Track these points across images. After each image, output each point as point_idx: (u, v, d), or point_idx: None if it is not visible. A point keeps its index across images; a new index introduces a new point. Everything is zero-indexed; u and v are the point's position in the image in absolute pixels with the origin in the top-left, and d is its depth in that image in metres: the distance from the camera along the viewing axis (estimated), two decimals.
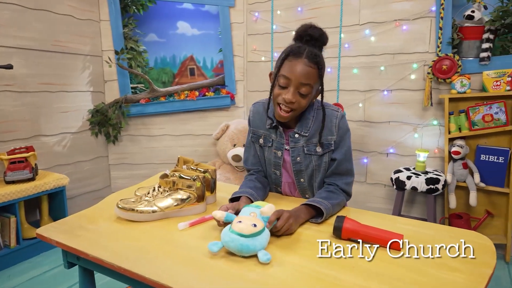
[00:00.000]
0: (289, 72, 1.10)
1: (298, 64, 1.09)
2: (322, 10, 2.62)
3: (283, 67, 1.12)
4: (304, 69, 1.09)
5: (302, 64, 1.09)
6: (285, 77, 1.10)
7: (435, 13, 2.25)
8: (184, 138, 3.03)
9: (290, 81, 1.10)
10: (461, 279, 0.78)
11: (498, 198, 2.18)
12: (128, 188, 1.39)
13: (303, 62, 1.09)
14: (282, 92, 1.12)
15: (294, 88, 1.10)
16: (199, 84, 3.01)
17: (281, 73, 1.12)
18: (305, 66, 1.09)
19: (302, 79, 1.09)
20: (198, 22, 3.12)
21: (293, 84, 1.10)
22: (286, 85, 1.11)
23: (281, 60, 1.13)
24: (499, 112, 2.07)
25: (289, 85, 1.11)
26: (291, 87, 1.10)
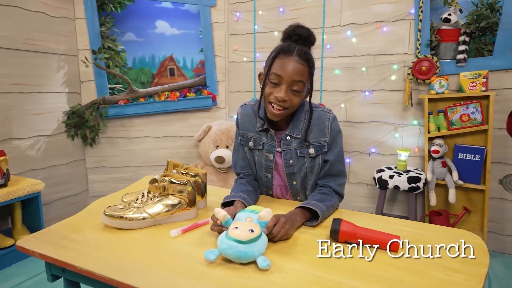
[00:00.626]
0: (281, 70, 1.08)
1: (289, 62, 1.08)
2: (304, 11, 2.63)
3: (274, 65, 1.10)
4: (295, 66, 1.08)
5: (293, 61, 1.08)
6: (276, 75, 1.09)
7: (414, 16, 2.31)
8: (165, 140, 2.97)
9: (282, 79, 1.09)
10: (461, 280, 0.79)
11: (475, 195, 2.26)
12: (112, 194, 1.34)
13: (294, 59, 1.08)
14: (274, 90, 1.11)
15: (286, 86, 1.09)
16: (180, 84, 2.95)
17: (273, 71, 1.10)
18: (297, 63, 1.08)
19: (294, 76, 1.08)
20: (177, 21, 3.06)
21: (285, 82, 1.09)
22: (278, 82, 1.10)
23: (272, 59, 1.12)
24: (475, 112, 2.14)
25: (281, 83, 1.09)
26: (283, 85, 1.09)
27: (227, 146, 2.68)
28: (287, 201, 1.28)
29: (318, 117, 1.19)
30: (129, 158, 2.93)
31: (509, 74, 2.14)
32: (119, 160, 2.92)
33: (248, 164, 1.31)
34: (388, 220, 1.12)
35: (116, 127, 2.88)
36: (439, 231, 1.03)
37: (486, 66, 2.16)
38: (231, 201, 1.14)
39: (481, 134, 2.19)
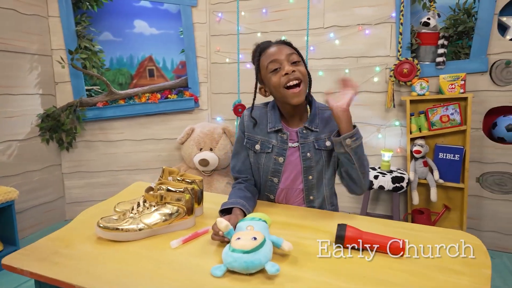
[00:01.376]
0: (272, 55, 1.15)
1: (272, 48, 1.17)
2: (287, 13, 2.63)
3: (262, 60, 1.17)
4: (279, 47, 1.17)
5: (275, 46, 1.17)
6: (272, 61, 1.14)
7: (395, 19, 2.36)
8: (146, 143, 2.88)
9: (278, 60, 1.14)
10: (466, 281, 0.81)
11: (454, 193, 2.34)
12: (100, 204, 1.27)
13: (275, 45, 1.18)
14: (279, 73, 1.14)
15: (286, 62, 1.14)
16: (160, 86, 2.88)
17: (266, 63, 1.16)
18: (278, 45, 1.17)
19: (286, 51, 1.15)
20: (156, 21, 2.98)
21: (283, 60, 1.14)
22: (278, 65, 1.14)
23: (257, 60, 1.19)
24: (454, 113, 2.21)
25: (281, 63, 1.14)
26: (284, 63, 1.14)
27: (211, 148, 2.64)
28: (289, 206, 1.26)
29: (329, 115, 1.21)
30: (108, 162, 2.83)
31: (485, 77, 2.23)
32: (97, 165, 2.81)
33: (248, 168, 1.28)
34: (387, 223, 1.13)
35: (94, 130, 2.77)
36: (438, 233, 1.05)
37: (463, 69, 2.24)
38: (229, 208, 1.12)
39: (460, 134, 2.27)
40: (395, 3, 2.34)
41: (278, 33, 2.67)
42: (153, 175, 2.90)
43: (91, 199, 2.82)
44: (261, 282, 0.80)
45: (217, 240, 0.93)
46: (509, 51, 2.16)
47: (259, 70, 1.20)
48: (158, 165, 2.92)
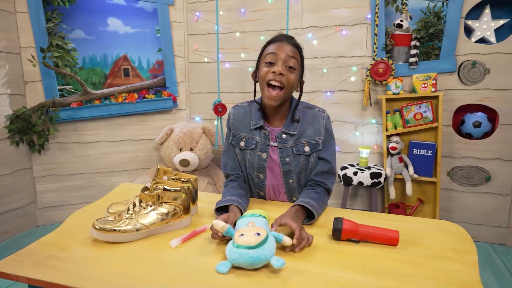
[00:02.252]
0: (275, 49, 1.15)
1: (281, 44, 1.17)
2: (265, 13, 2.66)
3: (266, 50, 1.18)
4: (288, 46, 1.16)
5: (284, 43, 1.17)
6: (272, 53, 1.15)
7: (370, 21, 2.44)
8: (123, 144, 2.81)
9: (277, 55, 1.15)
10: (457, 267, 0.86)
11: (428, 187, 2.46)
12: (88, 206, 1.23)
13: (285, 43, 1.17)
14: (270, 68, 1.15)
15: (282, 62, 1.14)
16: (137, 85, 2.81)
17: (267, 52, 1.17)
18: (288, 45, 1.17)
19: (288, 52, 1.15)
20: (131, 19, 2.91)
21: (279, 58, 1.14)
22: (273, 60, 1.15)
23: (262, 50, 1.20)
24: (427, 111, 2.33)
25: (277, 60, 1.15)
26: (279, 61, 1.14)
27: (191, 148, 2.62)
28: (280, 202, 1.28)
29: (313, 116, 1.22)
30: (83, 164, 2.73)
31: (453, 76, 2.36)
32: (72, 167, 2.70)
33: (238, 165, 1.29)
34: (377, 215, 1.18)
35: (68, 132, 2.66)
36: (425, 223, 1.11)
37: (434, 69, 2.36)
38: (225, 206, 1.12)
39: (432, 131, 2.39)
40: (370, 5, 2.42)
41: (257, 33, 2.69)
42: (131, 177, 2.83)
43: (66, 203, 2.71)
44: (266, 276, 0.81)
45: (217, 239, 0.94)
46: (475, 53, 2.30)
47: (260, 56, 1.22)
48: (136, 167, 2.86)
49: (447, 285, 0.79)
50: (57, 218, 2.70)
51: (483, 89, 2.31)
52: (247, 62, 2.76)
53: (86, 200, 2.76)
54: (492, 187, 2.39)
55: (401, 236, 0.97)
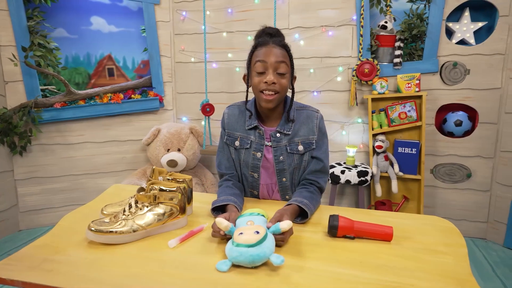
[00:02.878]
0: (263, 57, 1.14)
1: (268, 49, 1.15)
2: (252, 13, 2.67)
3: (254, 56, 1.17)
4: (276, 51, 1.15)
5: (272, 47, 1.16)
6: (261, 61, 1.14)
7: (356, 22, 2.49)
8: (109, 145, 2.76)
9: (267, 64, 1.14)
10: (449, 260, 0.89)
11: (412, 184, 2.53)
12: (80, 208, 1.21)
13: (272, 46, 1.16)
14: (261, 77, 1.15)
15: (272, 69, 1.14)
16: (123, 85, 2.77)
17: (256, 60, 1.16)
18: (275, 48, 1.15)
19: (277, 58, 1.14)
20: (115, 18, 2.86)
21: (270, 66, 1.14)
22: (264, 69, 1.15)
23: (251, 54, 1.19)
24: (411, 110, 2.39)
25: (267, 68, 1.14)
26: (269, 69, 1.14)
27: (179, 149, 2.60)
28: (274, 201, 1.30)
29: (307, 116, 1.24)
30: (67, 166, 2.67)
31: (436, 77, 2.43)
32: (55, 169, 2.64)
33: (233, 164, 1.30)
34: (370, 212, 1.21)
35: (51, 133, 2.60)
36: (416, 219, 1.15)
37: (418, 69, 2.42)
38: (221, 205, 1.13)
39: (416, 129, 2.45)
40: (356, 7, 2.47)
41: (244, 33, 2.69)
42: (117, 178, 2.79)
43: (50, 206, 2.65)
44: (267, 274, 0.82)
45: (218, 238, 0.94)
46: (456, 54, 2.38)
47: (249, 61, 1.21)
48: (122, 168, 2.81)
49: (440, 277, 0.82)
50: (40, 222, 2.63)
51: (464, 89, 2.39)
52: (234, 62, 2.76)
53: (71, 203, 2.70)
54: (473, 184, 2.47)
55: (394, 231, 0.99)
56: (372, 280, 0.80)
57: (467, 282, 0.80)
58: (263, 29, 1.23)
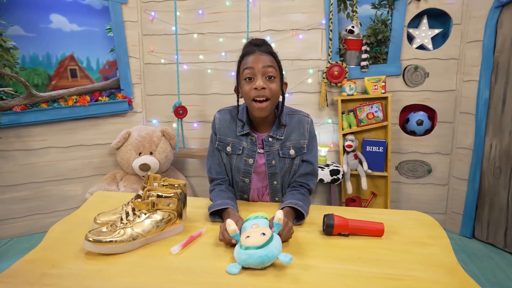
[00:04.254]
0: (250, 63, 1.15)
1: (255, 56, 1.16)
2: (224, 15, 2.67)
3: (242, 65, 1.18)
4: (262, 57, 1.16)
5: (258, 54, 1.17)
6: (248, 68, 1.15)
7: (325, 26, 2.58)
8: (74, 150, 2.63)
9: (254, 69, 1.15)
10: (436, 251, 0.98)
11: (380, 181, 2.67)
12: (67, 218, 1.16)
13: (259, 53, 1.17)
14: (251, 84, 1.16)
15: (260, 75, 1.15)
16: (89, 87, 2.65)
17: (244, 67, 1.16)
18: (261, 55, 1.17)
19: (265, 63, 1.15)
20: (77, 16, 2.73)
21: (257, 71, 1.15)
22: (252, 75, 1.15)
23: (239, 63, 1.19)
24: (378, 111, 2.53)
25: (255, 74, 1.15)
26: (258, 75, 1.15)
27: (151, 152, 2.54)
28: (265, 203, 1.32)
29: (298, 121, 1.27)
30: (28, 173, 2.50)
31: (399, 79, 2.59)
32: (15, 177, 2.47)
33: (224, 169, 1.30)
34: (356, 210, 1.27)
35: (10, 138, 2.42)
36: (400, 214, 1.23)
37: (383, 72, 2.57)
38: (219, 210, 1.14)
39: (383, 129, 2.60)
40: (325, 11, 2.56)
41: (215, 35, 2.69)
42: (85, 184, 2.66)
43: (11, 217, 2.47)
44: (275, 275, 0.85)
45: (224, 242, 0.95)
46: (417, 58, 2.55)
47: (238, 71, 1.21)
48: (89, 173, 2.69)
49: (432, 267, 0.89)
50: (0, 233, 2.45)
51: (424, 90, 2.57)
52: (205, 64, 2.75)
53: (34, 212, 2.54)
54: (433, 178, 2.67)
55: (386, 228, 1.06)
56: (373, 274, 0.85)
57: (455, 270, 0.88)
58: (250, 41, 1.24)
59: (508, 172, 2.28)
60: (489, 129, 2.39)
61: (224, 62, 2.72)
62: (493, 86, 2.35)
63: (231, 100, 2.78)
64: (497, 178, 2.36)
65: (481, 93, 2.39)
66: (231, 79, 2.74)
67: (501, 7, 2.27)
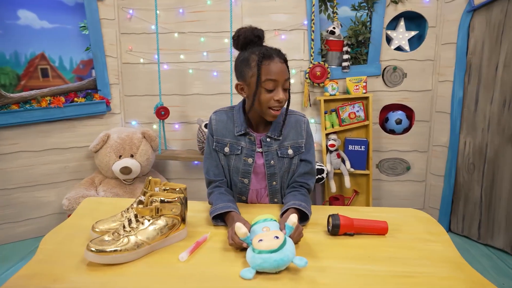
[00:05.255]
0: (274, 75, 1.12)
1: (276, 65, 1.13)
2: (205, 14, 2.63)
3: (263, 72, 1.12)
4: (282, 67, 1.14)
5: (278, 63, 1.13)
6: (272, 81, 1.13)
7: (307, 27, 2.60)
8: (48, 154, 2.49)
9: (278, 82, 1.13)
10: (438, 247, 1.00)
11: (362, 179, 2.73)
12: (58, 227, 1.09)
13: (278, 61, 1.14)
14: (272, 95, 1.14)
15: (281, 87, 1.15)
16: (64, 88, 2.52)
17: (267, 78, 1.12)
18: (280, 64, 1.14)
19: (285, 75, 1.14)
20: (48, 13, 2.59)
21: (279, 84, 1.14)
22: (274, 87, 1.14)
23: (258, 67, 1.12)
24: (359, 111, 2.58)
25: (277, 86, 1.14)
26: (279, 87, 1.14)
27: (132, 155, 2.45)
28: (264, 204, 1.31)
29: (296, 121, 1.27)
30: None
31: (379, 79, 2.66)
32: None
33: (222, 171, 1.28)
34: (357, 209, 1.29)
35: None
36: (398, 212, 1.25)
37: (363, 73, 2.63)
38: (222, 213, 1.11)
39: (364, 128, 2.66)
40: (307, 12, 2.58)
41: (196, 34, 2.64)
42: (60, 190, 2.53)
43: None
44: (291, 278, 0.84)
45: (235, 246, 0.93)
46: (395, 59, 2.63)
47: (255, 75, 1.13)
48: (65, 178, 2.56)
49: (438, 263, 0.92)
50: None
51: (402, 90, 2.66)
52: (187, 64, 2.69)
53: (4, 221, 2.39)
54: (411, 175, 2.76)
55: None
56: (386, 272, 0.86)
57: (462, 265, 0.91)
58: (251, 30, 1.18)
59: (481, 168, 2.40)
60: (463, 127, 2.50)
61: (206, 62, 2.68)
62: (466, 86, 2.47)
63: (213, 100, 2.74)
64: (471, 173, 2.48)
65: (456, 93, 2.51)
66: (213, 79, 2.70)
67: (472, 11, 2.38)
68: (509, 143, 2.23)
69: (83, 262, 0.87)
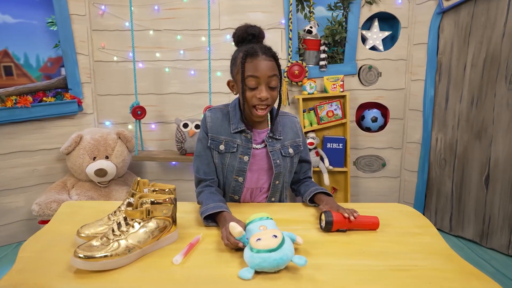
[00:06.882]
0: (255, 72, 1.12)
1: (259, 62, 1.12)
2: (181, 12, 2.57)
3: (246, 69, 1.12)
4: (266, 64, 1.13)
5: (262, 60, 1.13)
6: (253, 77, 1.12)
7: (284, 25, 2.61)
8: (14, 157, 2.34)
9: (259, 79, 1.12)
10: (427, 239, 1.03)
11: (340, 176, 2.78)
12: (38, 234, 1.02)
13: (263, 58, 1.13)
14: (254, 92, 1.14)
15: (264, 85, 1.13)
16: (31, 86, 2.38)
17: (247, 75, 1.12)
18: (266, 61, 1.13)
19: (268, 72, 1.13)
20: (11, 7, 2.45)
21: (262, 81, 1.13)
22: (257, 84, 1.13)
23: (242, 64, 1.13)
24: (337, 109, 2.62)
25: (259, 83, 1.13)
26: (262, 85, 1.13)
27: (107, 156, 2.36)
28: (257, 204, 1.29)
29: (290, 121, 1.29)
30: None
31: (355, 78, 2.71)
32: None
33: (213, 170, 1.25)
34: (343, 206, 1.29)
35: None
36: (384, 207, 1.28)
37: (341, 72, 2.67)
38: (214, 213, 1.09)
39: (342, 126, 2.70)
40: (284, 11, 2.59)
41: (173, 32, 2.58)
42: (29, 194, 2.39)
43: None
44: (290, 277, 0.83)
45: (230, 247, 0.90)
46: (370, 58, 2.69)
47: (239, 73, 1.15)
48: (34, 182, 2.42)
49: (429, 255, 0.94)
50: None
51: (377, 89, 2.73)
52: (162, 62, 2.62)
53: None
54: (387, 172, 2.84)
55: None
56: (382, 266, 0.87)
57: (451, 256, 0.93)
58: (245, 28, 1.20)
59: (452, 163, 2.51)
60: (435, 124, 2.60)
61: (183, 61, 2.62)
62: (437, 85, 2.57)
63: (191, 100, 2.69)
64: (442, 169, 2.58)
65: (427, 92, 2.60)
66: (190, 78, 2.65)
67: (442, 13, 2.48)
68: (477, 139, 2.34)
69: (69, 270, 0.81)
